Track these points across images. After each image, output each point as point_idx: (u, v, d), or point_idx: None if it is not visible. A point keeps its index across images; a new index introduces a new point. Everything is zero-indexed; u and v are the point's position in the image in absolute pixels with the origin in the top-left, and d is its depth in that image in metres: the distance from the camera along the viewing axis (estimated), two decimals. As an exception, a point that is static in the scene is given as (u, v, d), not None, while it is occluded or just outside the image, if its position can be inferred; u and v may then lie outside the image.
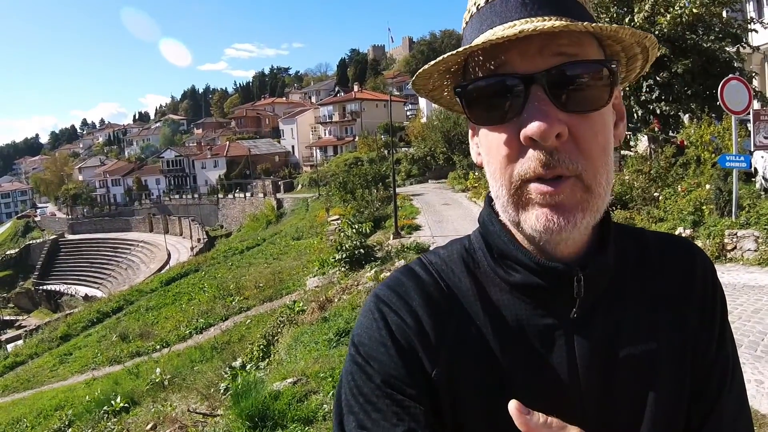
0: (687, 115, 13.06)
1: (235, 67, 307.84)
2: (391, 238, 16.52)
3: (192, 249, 38.71)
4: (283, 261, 22.87)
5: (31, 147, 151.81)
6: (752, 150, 9.02)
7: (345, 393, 0.69)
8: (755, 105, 10.48)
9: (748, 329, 5.28)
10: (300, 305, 11.37)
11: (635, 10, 12.49)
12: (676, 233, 7.78)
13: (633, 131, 13.67)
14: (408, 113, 57.68)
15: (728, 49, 12.55)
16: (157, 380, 11.36)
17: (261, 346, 10.17)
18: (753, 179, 9.71)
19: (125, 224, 53.41)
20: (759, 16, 15.45)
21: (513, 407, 0.59)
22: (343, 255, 14.12)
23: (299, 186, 45.93)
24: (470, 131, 0.76)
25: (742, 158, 8.47)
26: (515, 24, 0.62)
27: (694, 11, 11.82)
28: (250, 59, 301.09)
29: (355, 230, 15.75)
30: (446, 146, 32.33)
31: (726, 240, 8.30)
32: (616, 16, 12.75)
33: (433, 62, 0.66)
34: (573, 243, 0.69)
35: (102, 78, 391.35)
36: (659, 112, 12.79)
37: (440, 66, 0.67)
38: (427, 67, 0.68)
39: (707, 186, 9.57)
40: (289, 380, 5.48)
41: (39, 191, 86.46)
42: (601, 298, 0.71)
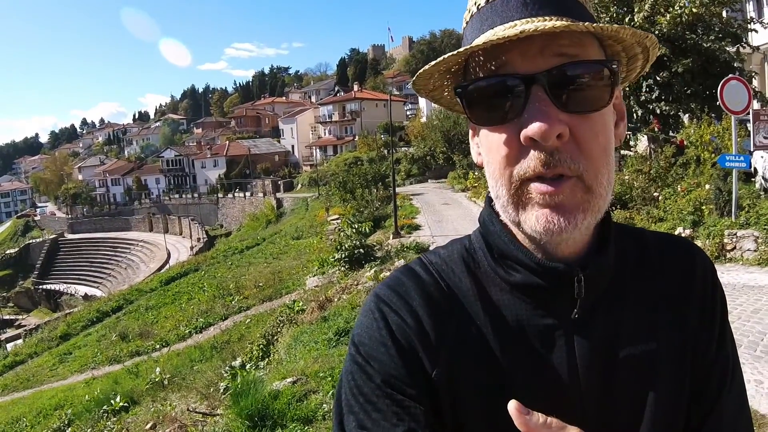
0: (687, 115, 13.05)
1: (235, 67, 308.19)
2: (391, 238, 16.50)
3: (192, 248, 38.71)
4: (283, 260, 22.87)
5: (31, 146, 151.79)
6: (752, 150, 9.02)
7: (345, 393, 0.69)
8: (755, 105, 10.47)
9: (748, 329, 5.28)
10: (300, 305, 11.36)
11: (635, 10, 12.48)
12: (676, 233, 7.79)
13: (633, 131, 13.65)
14: (408, 113, 57.63)
15: (728, 49, 12.54)
16: (157, 379, 11.37)
17: (261, 346, 10.17)
18: (753, 179, 9.71)
19: (125, 224, 53.40)
20: (759, 16, 15.44)
21: (513, 407, 0.59)
22: (343, 254, 14.10)
23: (299, 185, 45.95)
24: (471, 131, 0.76)
25: (742, 158, 8.47)
26: (516, 24, 0.62)
27: (694, 11, 11.81)
28: (250, 59, 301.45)
29: (355, 230, 15.69)
30: (446, 146, 32.34)
31: (726, 240, 8.30)
32: (616, 16, 12.74)
33: (434, 62, 0.66)
34: (574, 243, 0.69)
35: (102, 78, 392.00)
36: (659, 112, 12.77)
37: (441, 66, 0.67)
38: (428, 68, 0.68)
39: (707, 186, 9.56)
40: (289, 380, 5.49)
41: (39, 191, 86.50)
42: (601, 299, 0.71)
